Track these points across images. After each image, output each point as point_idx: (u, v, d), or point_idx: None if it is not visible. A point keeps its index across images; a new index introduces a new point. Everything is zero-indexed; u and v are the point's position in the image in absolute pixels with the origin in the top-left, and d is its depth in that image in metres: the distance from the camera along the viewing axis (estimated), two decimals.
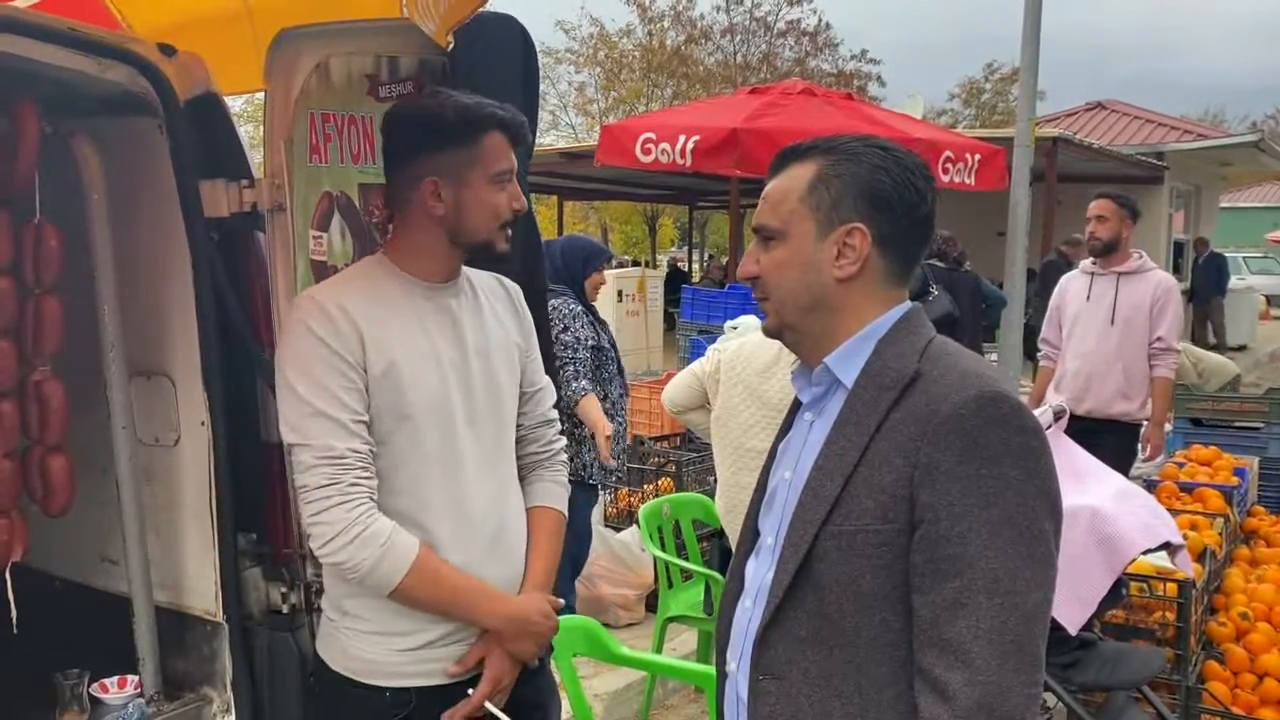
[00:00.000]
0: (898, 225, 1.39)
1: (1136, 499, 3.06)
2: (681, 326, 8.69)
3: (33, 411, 2.13)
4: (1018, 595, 1.23)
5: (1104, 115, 17.75)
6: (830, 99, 7.80)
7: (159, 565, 2.26)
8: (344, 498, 1.73)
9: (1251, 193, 31.49)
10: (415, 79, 2.24)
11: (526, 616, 1.89)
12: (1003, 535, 1.24)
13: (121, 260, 2.17)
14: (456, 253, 1.89)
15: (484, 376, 1.92)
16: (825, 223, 1.39)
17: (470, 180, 1.84)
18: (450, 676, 1.86)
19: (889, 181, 1.38)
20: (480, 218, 1.85)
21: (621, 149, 7.38)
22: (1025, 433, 1.28)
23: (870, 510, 1.30)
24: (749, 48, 25.51)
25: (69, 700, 2.15)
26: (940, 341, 1.40)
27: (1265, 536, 4.79)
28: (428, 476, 1.84)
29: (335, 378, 1.75)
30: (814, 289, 1.41)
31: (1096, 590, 2.80)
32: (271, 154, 2.10)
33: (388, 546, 1.75)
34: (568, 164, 13.55)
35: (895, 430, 1.30)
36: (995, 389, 1.29)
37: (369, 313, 1.80)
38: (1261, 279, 23.54)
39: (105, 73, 1.97)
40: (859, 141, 1.43)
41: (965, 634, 1.23)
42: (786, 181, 1.44)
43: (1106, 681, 2.98)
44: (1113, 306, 4.82)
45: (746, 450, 3.38)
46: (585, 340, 4.02)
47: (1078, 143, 12.17)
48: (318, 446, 1.74)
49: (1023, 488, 1.26)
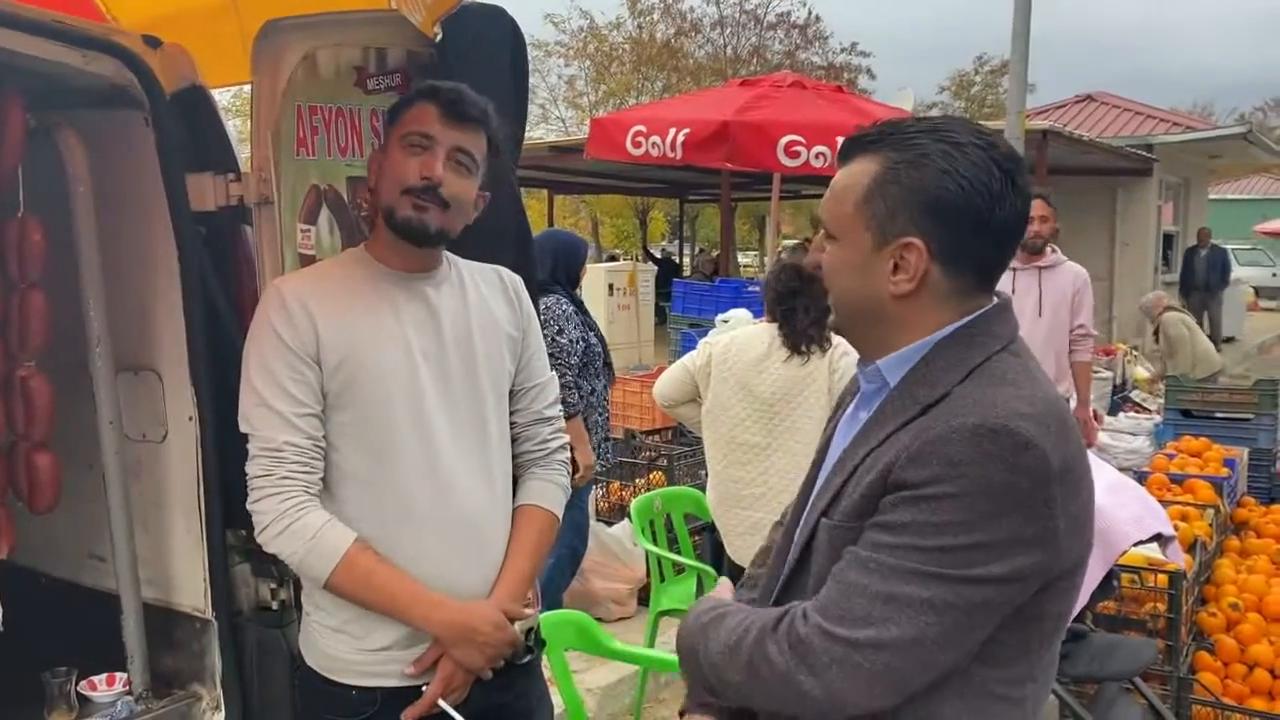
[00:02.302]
0: (962, 236, 1.27)
1: (1127, 491, 3.06)
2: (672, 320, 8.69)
3: (18, 407, 2.11)
4: (894, 625, 1.19)
5: (1093, 108, 17.77)
6: (821, 91, 7.78)
7: (147, 562, 2.24)
8: (276, 489, 1.75)
9: (1240, 185, 31.58)
10: (403, 71, 2.23)
11: (468, 624, 1.82)
12: (917, 576, 1.19)
13: (107, 255, 2.15)
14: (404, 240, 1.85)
15: (463, 367, 1.89)
16: (880, 234, 1.29)
17: (389, 145, 1.84)
18: (407, 677, 1.84)
19: (954, 188, 1.25)
20: (386, 182, 1.82)
21: (612, 142, 7.37)
22: (1017, 472, 1.17)
23: (848, 509, 1.30)
24: (739, 40, 25.48)
25: (57, 698, 2.13)
26: (999, 359, 1.28)
27: (1255, 527, 4.81)
28: (396, 469, 1.81)
29: (285, 369, 1.77)
30: (867, 301, 1.33)
31: (1088, 582, 2.80)
32: (258, 147, 2.08)
33: (314, 541, 1.74)
34: (558, 158, 13.52)
35: (897, 439, 1.27)
36: (1001, 422, 1.18)
37: (329, 303, 1.80)
38: (1250, 271, 23.63)
39: (90, 65, 1.95)
40: (929, 135, 1.28)
41: (828, 601, 1.24)
42: (849, 178, 1.33)
43: (1098, 673, 2.99)
44: (1039, 299, 5.04)
45: (738, 444, 3.38)
46: (576, 343, 4.00)
47: (1068, 135, 12.16)
48: (260, 437, 1.77)
49: (970, 530, 1.17)
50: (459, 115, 1.81)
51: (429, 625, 1.81)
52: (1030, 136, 9.51)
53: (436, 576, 1.83)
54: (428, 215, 1.80)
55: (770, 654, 1.25)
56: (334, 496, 1.82)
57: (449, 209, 1.82)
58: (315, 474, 1.80)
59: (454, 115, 1.80)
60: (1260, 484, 5.58)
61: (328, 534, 1.76)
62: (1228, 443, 5.58)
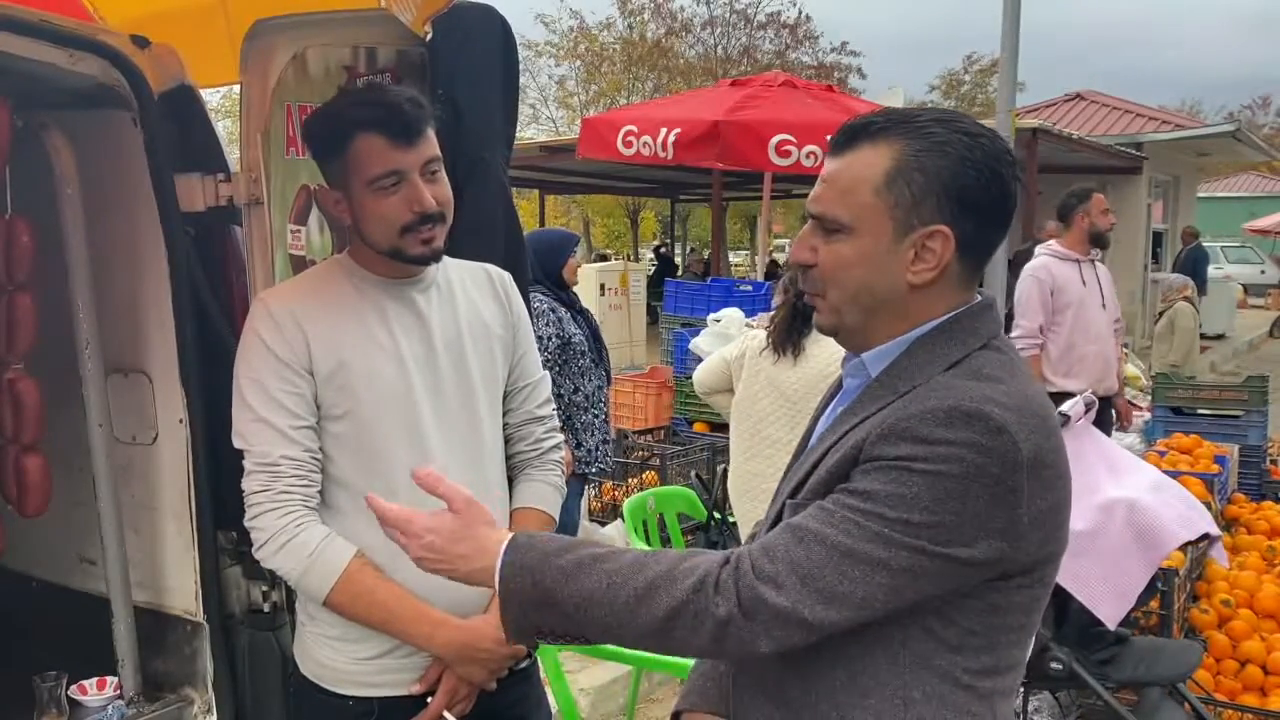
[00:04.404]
0: (983, 225, 1.27)
1: (1171, 490, 3.00)
2: (664, 320, 8.70)
3: (6, 410, 2.10)
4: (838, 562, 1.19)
5: (1083, 106, 17.82)
6: (811, 91, 7.79)
7: (138, 565, 2.23)
8: (274, 504, 1.73)
9: (1229, 182, 31.76)
10: (393, 70, 2.21)
11: (469, 643, 1.79)
12: (879, 539, 1.19)
13: (96, 256, 2.14)
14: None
15: (454, 372, 1.87)
16: (904, 222, 1.25)
17: (352, 190, 1.76)
18: (414, 693, 1.82)
19: (976, 176, 1.24)
20: (374, 228, 1.76)
21: (603, 142, 7.37)
22: (987, 454, 1.16)
23: (814, 486, 1.28)
24: (729, 40, 25.47)
25: (47, 702, 2.11)
26: (979, 355, 1.27)
27: (1246, 524, 4.83)
28: (391, 477, 1.78)
29: (277, 383, 1.75)
30: (880, 292, 1.29)
31: (1135, 584, 2.75)
32: (248, 147, 2.07)
33: (314, 559, 1.73)
34: (548, 158, 13.49)
35: (870, 421, 1.26)
36: (975, 405, 1.18)
37: (317, 313, 1.78)
38: (1239, 268, 23.73)
39: (77, 65, 1.94)
40: (942, 125, 1.26)
41: (780, 548, 1.22)
42: (857, 166, 1.27)
43: (1145, 677, 2.92)
44: (1100, 291, 5.26)
45: (762, 438, 3.45)
46: (549, 340, 3.96)
47: (1057, 133, 12.20)
48: (256, 452, 1.75)
49: (935, 508, 1.17)
50: (409, 135, 1.73)
51: (431, 645, 1.79)
52: (1020, 135, 9.53)
53: (432, 585, 1.80)
54: (435, 241, 1.79)
55: (712, 604, 1.21)
56: (331, 508, 1.81)
57: (446, 219, 1.81)
58: (313, 487, 1.77)
59: (405, 137, 1.73)
60: (1251, 481, 5.60)
61: (326, 550, 1.73)
62: (1218, 440, 5.60)
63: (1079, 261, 5.20)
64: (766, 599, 1.20)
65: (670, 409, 7.50)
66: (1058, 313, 5.19)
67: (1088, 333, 5.17)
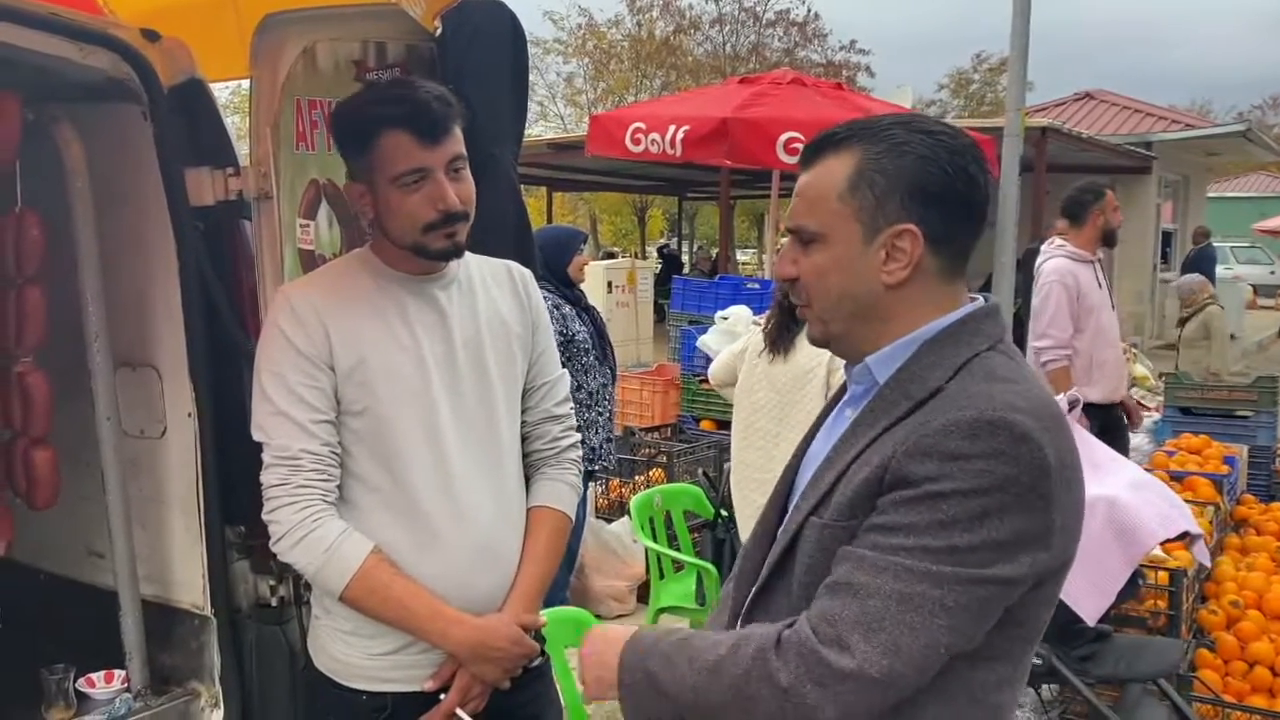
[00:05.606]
0: (951, 220, 1.27)
1: (1152, 488, 3.01)
2: (672, 317, 8.70)
3: (15, 404, 2.10)
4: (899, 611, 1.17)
5: (1092, 105, 17.78)
6: (820, 89, 7.77)
7: (146, 558, 2.23)
8: (292, 498, 1.72)
9: (1239, 182, 31.61)
10: (403, 65, 2.22)
11: (485, 642, 1.80)
12: (930, 577, 1.16)
13: (105, 249, 2.14)
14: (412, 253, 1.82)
15: (473, 370, 1.86)
16: (871, 224, 1.27)
17: (377, 186, 1.76)
18: (427, 690, 1.81)
19: (939, 173, 1.25)
20: (397, 224, 1.76)
21: (611, 139, 7.35)
22: (1016, 465, 1.16)
23: (841, 506, 1.27)
24: (738, 38, 25.50)
25: (55, 695, 2.12)
26: (988, 357, 1.27)
27: (1255, 524, 4.81)
28: (408, 475, 1.79)
29: (298, 376, 1.74)
30: (860, 297, 1.30)
31: (1115, 581, 2.76)
32: (257, 141, 2.07)
33: (330, 554, 1.72)
34: (556, 155, 13.51)
35: (892, 435, 1.25)
36: (999, 415, 1.17)
37: (339, 308, 1.77)
38: (1249, 269, 23.64)
39: (87, 58, 1.94)
40: (901, 126, 1.28)
41: (837, 610, 1.20)
42: (823, 176, 1.30)
43: (1125, 674, 2.94)
44: (1109, 293, 5.00)
45: (755, 429, 3.47)
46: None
47: (1067, 132, 12.17)
48: (275, 446, 1.74)
49: (975, 527, 1.15)
50: (435, 133, 1.73)
51: (446, 643, 1.79)
52: (1029, 134, 9.50)
53: (448, 583, 1.80)
54: (459, 237, 1.79)
55: (774, 670, 1.20)
56: (349, 503, 1.80)
57: (469, 217, 1.81)
58: (332, 481, 1.77)
59: (431, 135, 1.73)
60: (1260, 481, 5.58)
61: (343, 545, 1.73)
62: (1227, 440, 5.59)
63: (1093, 263, 4.89)
64: (831, 663, 1.18)
65: (677, 406, 7.50)
66: (1082, 318, 4.80)
67: (1106, 338, 4.86)
